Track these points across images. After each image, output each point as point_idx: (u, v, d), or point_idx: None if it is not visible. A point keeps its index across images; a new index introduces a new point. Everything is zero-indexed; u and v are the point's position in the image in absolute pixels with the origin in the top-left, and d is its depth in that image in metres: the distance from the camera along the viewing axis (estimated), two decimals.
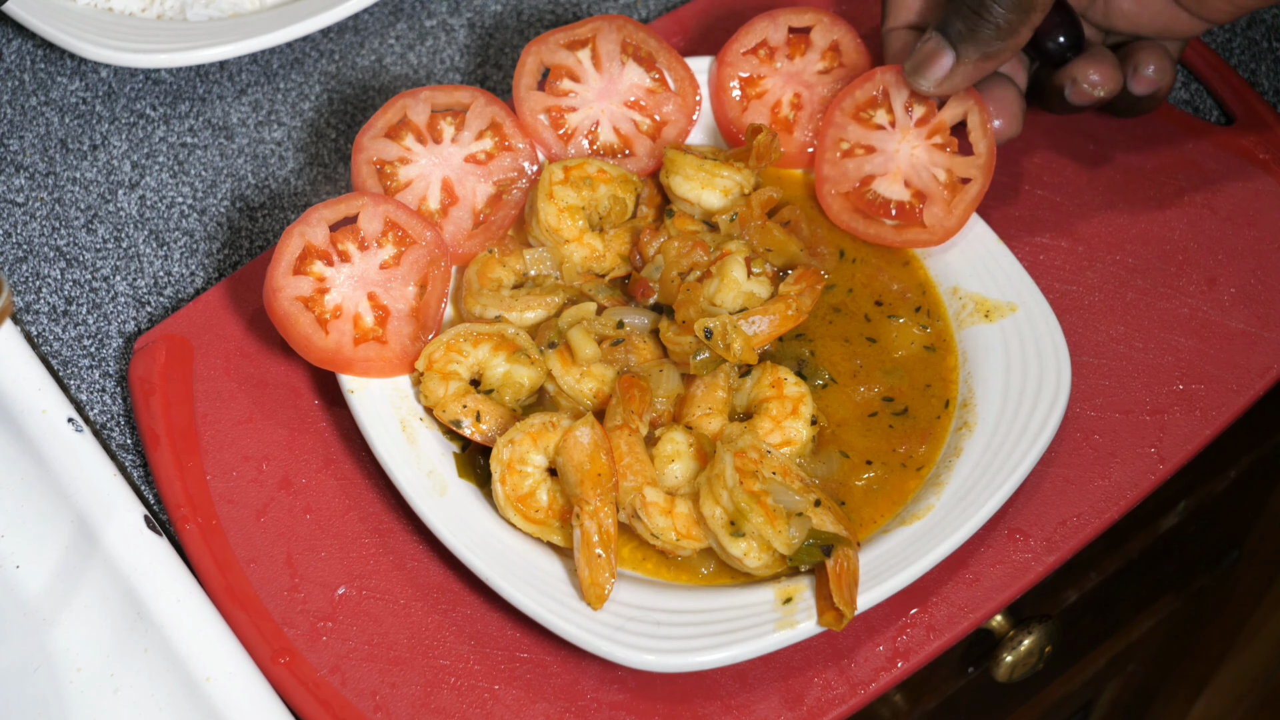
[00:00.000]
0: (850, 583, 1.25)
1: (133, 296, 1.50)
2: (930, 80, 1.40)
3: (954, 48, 1.38)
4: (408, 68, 1.67)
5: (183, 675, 1.28)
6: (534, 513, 1.30)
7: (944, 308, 1.44)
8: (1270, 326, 1.46)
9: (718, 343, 1.35)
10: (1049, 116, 1.59)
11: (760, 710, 1.27)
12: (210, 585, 1.32)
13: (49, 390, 1.41)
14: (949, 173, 1.45)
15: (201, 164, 1.59)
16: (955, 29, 1.38)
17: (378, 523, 1.35)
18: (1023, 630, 1.49)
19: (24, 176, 1.58)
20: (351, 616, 1.31)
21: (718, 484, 1.26)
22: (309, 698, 1.27)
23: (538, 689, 1.28)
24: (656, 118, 1.52)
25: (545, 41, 1.51)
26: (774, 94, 1.53)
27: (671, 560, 1.31)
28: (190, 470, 1.37)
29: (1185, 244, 1.52)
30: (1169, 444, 1.39)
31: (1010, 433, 1.34)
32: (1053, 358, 1.38)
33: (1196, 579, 1.98)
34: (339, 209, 1.39)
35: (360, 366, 1.36)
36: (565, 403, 1.37)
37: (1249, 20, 1.71)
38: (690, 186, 1.45)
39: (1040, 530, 1.34)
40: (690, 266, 1.40)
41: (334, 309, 1.37)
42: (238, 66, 1.66)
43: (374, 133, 1.45)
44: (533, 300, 1.40)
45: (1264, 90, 1.65)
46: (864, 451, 1.36)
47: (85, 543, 1.34)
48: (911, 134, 1.46)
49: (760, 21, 1.54)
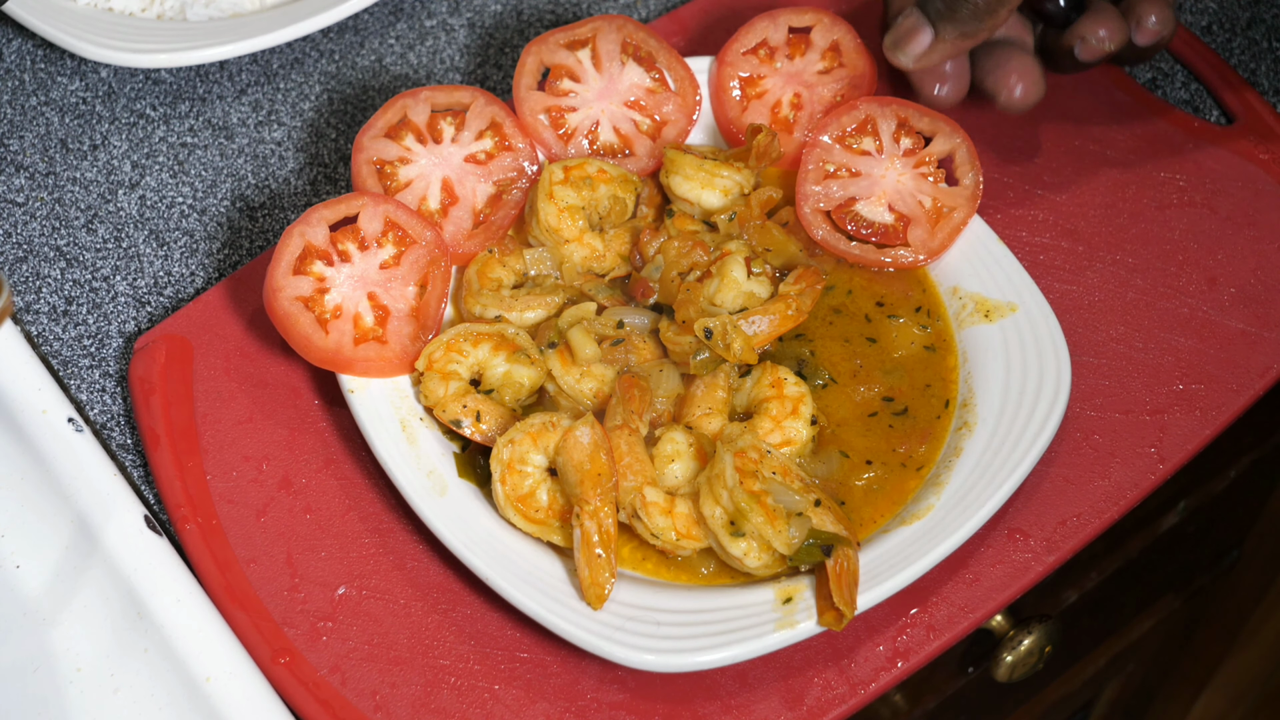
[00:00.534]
0: (850, 583, 1.25)
1: (133, 296, 1.50)
2: (909, 55, 1.43)
3: (933, 25, 1.40)
4: (408, 68, 1.67)
5: (183, 675, 1.28)
6: (534, 513, 1.30)
7: (944, 308, 1.44)
8: (1270, 326, 1.46)
9: (718, 343, 1.35)
10: (1048, 115, 1.59)
11: (760, 710, 1.27)
12: (210, 585, 1.32)
13: (49, 390, 1.41)
14: (934, 200, 1.45)
15: (201, 164, 1.59)
16: (935, 7, 1.40)
17: (378, 523, 1.35)
18: (1023, 630, 1.49)
19: (24, 176, 1.58)
20: (351, 616, 1.31)
21: (718, 484, 1.26)
22: (309, 698, 1.27)
23: (538, 689, 1.28)
24: (656, 118, 1.52)
25: (545, 41, 1.52)
26: (774, 94, 1.53)
27: (671, 560, 1.31)
28: (190, 470, 1.37)
29: (1185, 244, 1.52)
30: (1169, 444, 1.39)
31: (1010, 433, 1.34)
32: (1053, 358, 1.37)
33: (1196, 579, 1.98)
34: (339, 209, 1.39)
35: (360, 366, 1.36)
36: (565, 403, 1.37)
37: (1249, 20, 1.71)
38: (690, 186, 1.45)
39: (1040, 530, 1.34)
40: (690, 266, 1.40)
41: (334, 309, 1.37)
42: (238, 66, 1.66)
43: (374, 133, 1.45)
44: (533, 300, 1.40)
45: (1264, 90, 1.65)
46: (864, 451, 1.36)
47: (85, 543, 1.34)
48: (899, 162, 1.46)
49: (760, 21, 1.54)
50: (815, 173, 1.46)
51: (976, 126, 1.58)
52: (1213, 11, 1.72)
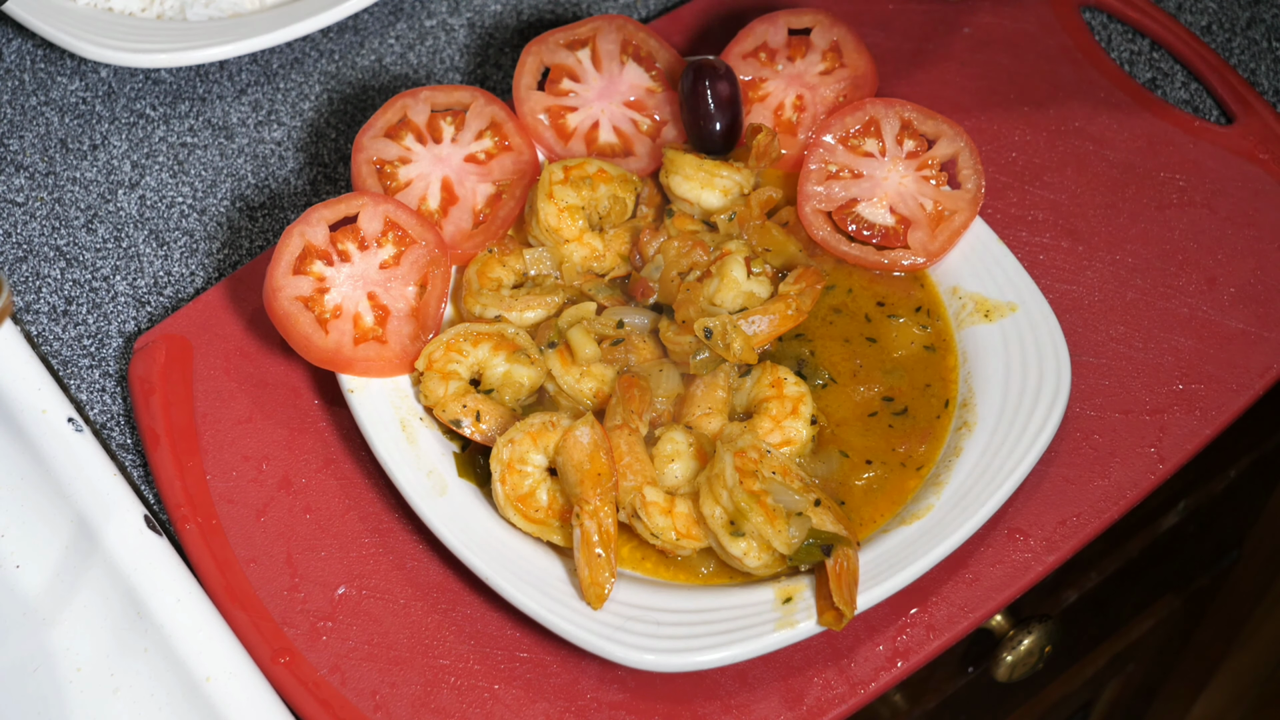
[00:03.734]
0: (850, 582, 1.25)
1: (133, 296, 1.50)
2: None
3: None
4: (408, 68, 1.67)
5: (183, 675, 1.28)
6: (534, 512, 1.30)
7: (944, 307, 1.44)
8: (1270, 326, 1.46)
9: (717, 342, 1.35)
10: (1048, 115, 1.59)
11: (760, 710, 1.27)
12: (210, 585, 1.32)
13: (49, 390, 1.41)
14: (935, 203, 1.45)
15: (201, 164, 1.59)
16: None
17: (378, 522, 1.35)
18: (1023, 630, 1.49)
19: (24, 176, 1.58)
20: (351, 616, 1.31)
21: (717, 484, 1.26)
22: (309, 697, 1.27)
23: (538, 689, 1.28)
24: (656, 118, 1.52)
25: (545, 41, 1.52)
26: (776, 96, 1.53)
27: (671, 560, 1.31)
28: (190, 470, 1.37)
29: (1185, 244, 1.52)
30: (1169, 444, 1.39)
31: (1010, 432, 1.34)
32: (1053, 358, 1.37)
33: (1196, 579, 1.98)
34: (339, 209, 1.39)
35: (360, 366, 1.36)
36: (565, 402, 1.37)
37: (1249, 20, 1.71)
38: (690, 186, 1.45)
39: (1040, 530, 1.34)
40: (690, 266, 1.40)
41: (334, 309, 1.37)
42: (238, 66, 1.66)
43: (374, 132, 1.45)
44: (533, 300, 1.40)
45: (1264, 90, 1.65)
46: (864, 451, 1.36)
47: (85, 542, 1.34)
48: (901, 164, 1.46)
49: (759, 25, 1.54)
50: (818, 173, 1.46)
51: (978, 128, 1.59)
52: (1213, 11, 1.72)
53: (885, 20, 1.67)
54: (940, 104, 1.60)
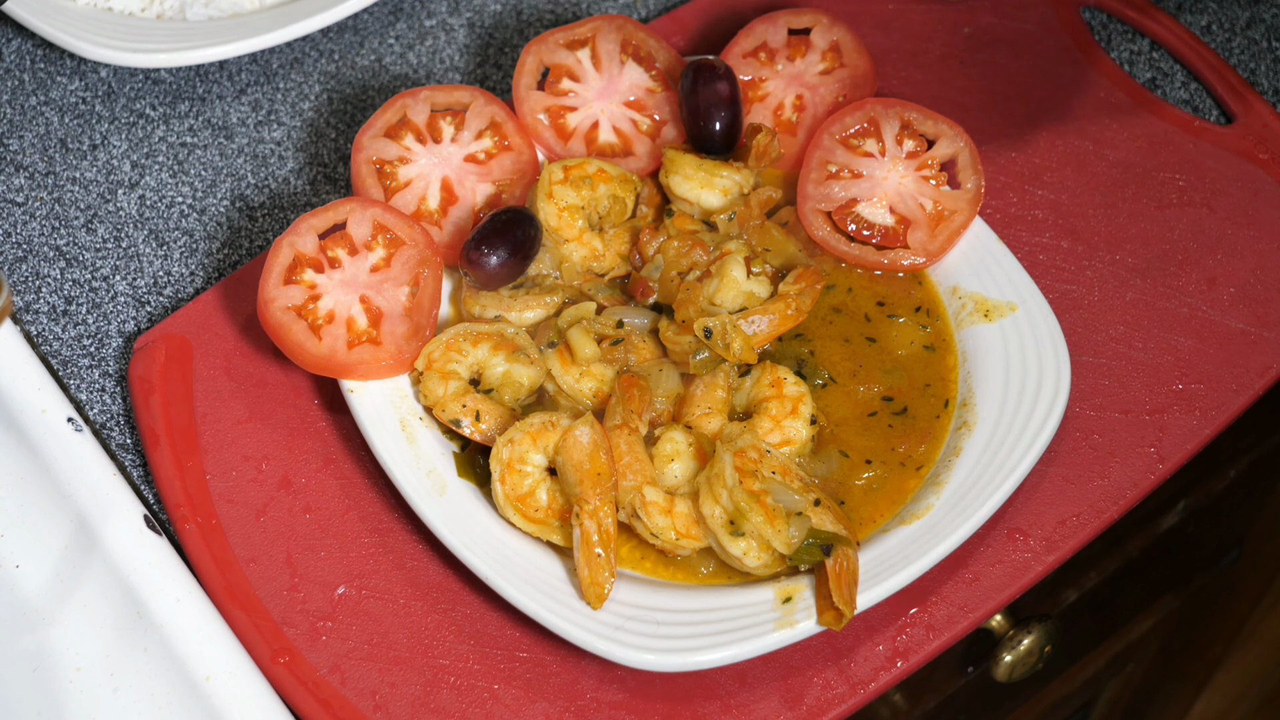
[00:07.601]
0: (850, 582, 1.25)
1: (132, 296, 1.50)
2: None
3: None
4: (407, 68, 1.67)
5: (182, 675, 1.28)
6: (534, 512, 1.30)
7: (943, 307, 1.44)
8: (1270, 326, 1.46)
9: (717, 342, 1.35)
10: (1048, 115, 1.59)
11: (760, 710, 1.27)
12: (210, 585, 1.32)
13: (49, 390, 1.41)
14: (935, 203, 1.45)
15: (201, 164, 1.59)
16: None
17: (378, 522, 1.35)
18: (1022, 630, 1.49)
19: (24, 176, 1.58)
20: (351, 616, 1.31)
21: (717, 483, 1.26)
22: (309, 697, 1.27)
23: (538, 689, 1.28)
24: (656, 118, 1.52)
25: (545, 41, 1.52)
26: (776, 96, 1.53)
27: (671, 559, 1.31)
28: (190, 470, 1.37)
29: (1185, 244, 1.52)
30: (1169, 444, 1.39)
31: (1010, 432, 1.34)
32: (1052, 357, 1.37)
33: (1196, 579, 1.98)
34: (327, 216, 1.39)
35: (356, 370, 1.36)
36: (565, 402, 1.37)
37: (1249, 20, 1.71)
38: (690, 186, 1.45)
39: (1040, 530, 1.34)
40: (690, 266, 1.40)
41: (327, 314, 1.37)
42: (237, 66, 1.66)
43: (373, 132, 1.46)
44: (532, 300, 1.40)
45: (1264, 90, 1.65)
46: (863, 451, 1.36)
47: (85, 542, 1.34)
48: (901, 164, 1.46)
49: (759, 25, 1.54)
50: (817, 173, 1.46)
51: (978, 128, 1.59)
52: (1213, 11, 1.72)
53: (885, 20, 1.67)
54: (940, 104, 1.60)
